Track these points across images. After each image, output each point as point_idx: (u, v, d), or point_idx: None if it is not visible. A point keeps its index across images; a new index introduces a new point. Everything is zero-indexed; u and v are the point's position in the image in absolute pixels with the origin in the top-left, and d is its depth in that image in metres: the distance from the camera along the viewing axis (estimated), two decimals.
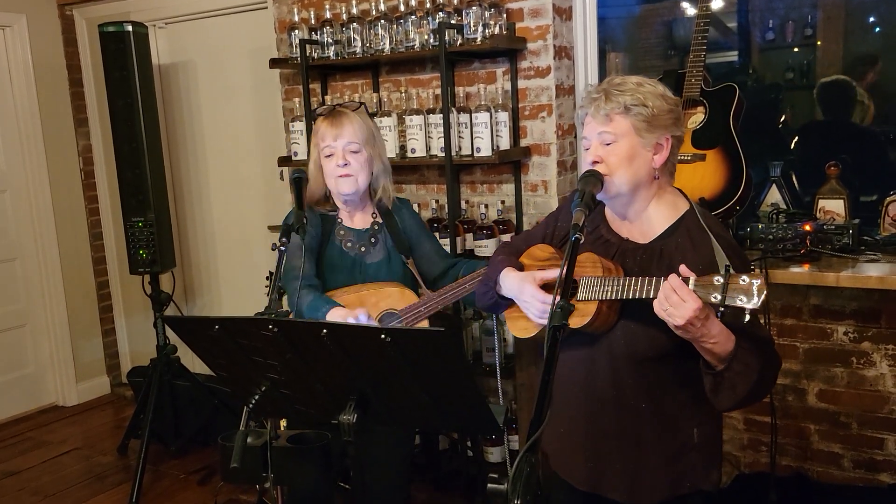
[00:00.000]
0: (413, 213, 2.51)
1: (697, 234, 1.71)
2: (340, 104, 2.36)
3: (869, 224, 2.89)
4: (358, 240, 2.37)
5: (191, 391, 4.00)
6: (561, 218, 1.95)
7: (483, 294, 2.00)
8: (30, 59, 4.50)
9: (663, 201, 1.78)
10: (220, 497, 3.47)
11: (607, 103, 1.69)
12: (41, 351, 4.75)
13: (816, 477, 2.98)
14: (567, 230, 1.87)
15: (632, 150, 1.69)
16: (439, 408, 1.63)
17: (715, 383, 1.62)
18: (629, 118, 1.68)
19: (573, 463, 1.84)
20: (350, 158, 2.28)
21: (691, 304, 1.48)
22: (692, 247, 1.70)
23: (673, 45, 4.11)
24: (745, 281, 1.44)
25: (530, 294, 1.81)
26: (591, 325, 1.68)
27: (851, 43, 3.71)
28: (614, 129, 1.69)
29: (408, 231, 2.44)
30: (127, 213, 3.84)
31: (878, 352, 2.83)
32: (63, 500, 3.61)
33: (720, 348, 1.57)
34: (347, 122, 2.29)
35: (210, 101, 4.47)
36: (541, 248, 1.94)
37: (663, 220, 1.76)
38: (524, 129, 3.27)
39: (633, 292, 1.60)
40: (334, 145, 2.28)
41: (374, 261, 2.36)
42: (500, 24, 3.09)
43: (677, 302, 1.49)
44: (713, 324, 1.53)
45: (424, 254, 2.46)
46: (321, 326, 1.54)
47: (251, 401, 1.77)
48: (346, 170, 2.27)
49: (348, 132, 2.28)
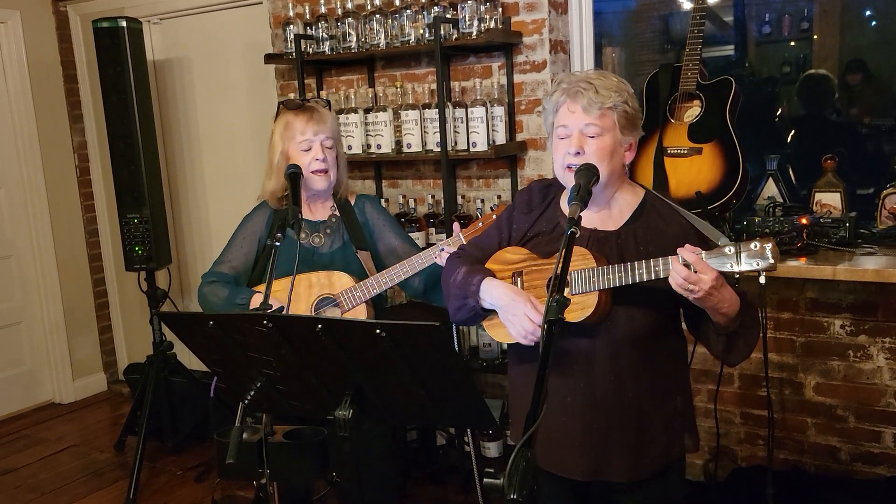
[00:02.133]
0: (378, 209, 2.46)
1: (665, 210, 1.80)
2: (306, 99, 2.35)
3: (865, 217, 2.88)
4: (312, 230, 2.37)
5: (187, 388, 3.99)
6: (514, 218, 1.92)
7: (459, 308, 1.88)
8: (24, 55, 4.48)
9: (624, 189, 1.84)
10: (216, 493, 3.47)
11: (598, 97, 1.70)
12: (37, 348, 4.74)
13: (814, 470, 2.98)
14: (523, 231, 1.89)
15: (613, 145, 1.74)
16: (435, 403, 1.62)
17: (729, 343, 1.73)
18: (615, 114, 1.72)
19: (568, 454, 1.82)
20: (326, 153, 2.29)
21: (710, 274, 1.55)
22: (664, 223, 1.78)
23: (669, 40, 4.11)
24: (756, 246, 1.52)
25: (523, 311, 1.71)
26: (593, 316, 1.69)
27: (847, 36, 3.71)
28: (602, 122, 1.72)
29: (369, 225, 2.41)
30: (122, 209, 3.83)
31: (874, 345, 2.83)
32: (60, 496, 3.60)
33: (732, 309, 1.65)
34: (322, 117, 2.30)
35: (205, 97, 4.46)
36: (510, 252, 1.88)
37: (627, 205, 1.82)
38: (520, 124, 3.27)
39: (634, 276, 1.64)
40: (313, 139, 2.28)
41: (327, 251, 2.35)
42: (495, 19, 3.08)
43: (696, 278, 1.55)
44: (726, 289, 1.62)
45: (392, 249, 2.39)
46: (316, 322, 1.54)
47: (247, 397, 1.76)
48: (323, 164, 2.28)
49: (326, 128, 2.29)
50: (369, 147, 3.33)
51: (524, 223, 1.90)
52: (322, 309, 2.28)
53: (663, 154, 2.88)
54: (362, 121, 3.32)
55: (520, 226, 1.90)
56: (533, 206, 1.91)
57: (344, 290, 2.27)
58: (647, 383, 1.79)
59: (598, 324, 1.73)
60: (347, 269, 2.31)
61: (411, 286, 2.38)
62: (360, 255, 2.34)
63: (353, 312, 2.27)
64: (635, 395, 1.78)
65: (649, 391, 1.79)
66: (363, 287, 2.26)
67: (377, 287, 2.26)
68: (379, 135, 3.29)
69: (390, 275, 2.25)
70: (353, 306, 2.27)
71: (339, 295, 2.27)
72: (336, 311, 2.27)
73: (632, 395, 1.78)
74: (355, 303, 2.27)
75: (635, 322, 1.74)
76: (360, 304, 2.27)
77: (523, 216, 1.91)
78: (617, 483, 1.82)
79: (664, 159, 2.88)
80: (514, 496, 1.24)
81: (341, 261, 2.34)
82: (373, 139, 3.31)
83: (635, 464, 1.80)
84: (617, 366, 1.76)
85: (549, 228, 1.86)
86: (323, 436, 1.89)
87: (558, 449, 1.82)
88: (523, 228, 1.89)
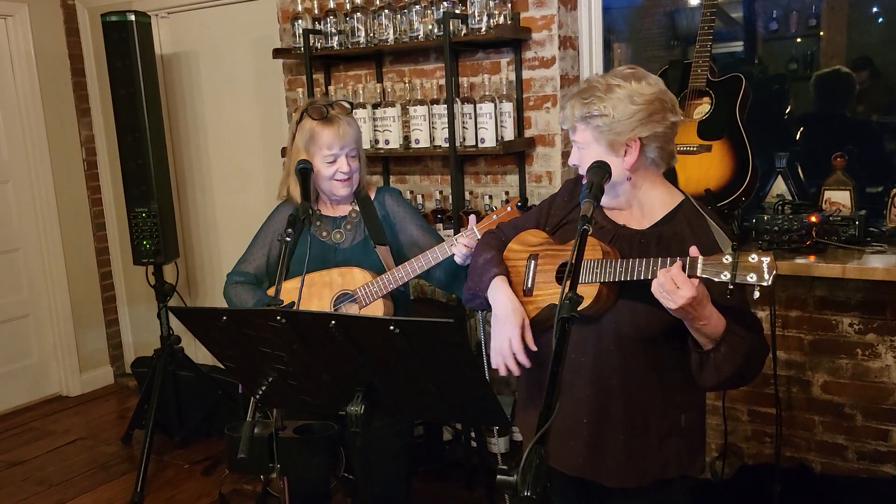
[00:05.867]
0: (399, 200, 2.46)
1: (696, 220, 1.75)
2: (330, 105, 2.34)
3: (875, 215, 2.87)
4: (332, 227, 2.38)
5: (194, 381, 4.00)
6: (555, 204, 1.95)
7: (471, 298, 1.91)
8: (32, 48, 4.49)
9: (658, 190, 1.80)
10: (224, 487, 3.47)
11: (571, 112, 1.73)
12: (45, 341, 4.76)
13: (820, 468, 2.98)
14: (560, 217, 1.90)
15: (598, 157, 1.71)
16: (447, 399, 1.62)
17: (700, 362, 1.67)
18: (589, 129, 1.72)
19: (567, 448, 1.82)
20: (351, 163, 2.31)
21: (685, 291, 1.51)
22: (691, 233, 1.73)
23: (676, 36, 4.10)
24: (754, 259, 1.47)
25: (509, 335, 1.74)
26: (592, 307, 1.67)
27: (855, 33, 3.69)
28: (580, 138, 1.75)
29: (390, 218, 2.41)
30: (130, 203, 3.83)
31: (882, 343, 2.83)
32: (68, 489, 3.62)
33: (711, 329, 1.61)
34: (348, 129, 2.30)
35: (213, 92, 4.46)
36: (533, 234, 1.91)
37: (661, 207, 1.79)
38: (528, 120, 3.26)
39: (633, 273, 1.62)
40: (339, 154, 2.29)
41: (346, 246, 2.36)
42: (504, 14, 3.07)
43: (671, 288, 1.53)
44: (707, 309, 1.58)
45: (414, 241, 2.39)
46: (329, 318, 1.54)
47: (258, 391, 1.77)
48: (347, 175, 2.31)
49: (350, 140, 2.30)
50: (377, 142, 3.33)
51: (563, 210, 1.92)
52: (341, 304, 2.28)
53: None
54: (370, 116, 3.32)
55: (558, 212, 1.92)
56: (575, 195, 1.90)
57: (361, 285, 2.27)
58: (648, 390, 1.75)
59: (607, 317, 1.72)
60: (365, 265, 2.31)
61: (435, 277, 2.37)
62: (379, 251, 2.34)
63: (370, 307, 2.27)
64: (633, 399, 1.75)
65: (650, 399, 1.76)
66: (380, 282, 2.26)
67: (394, 282, 2.26)
68: (387, 130, 3.29)
69: (406, 269, 2.25)
70: (370, 301, 2.27)
71: (356, 290, 2.28)
72: (354, 307, 2.27)
73: (629, 398, 1.75)
74: (372, 298, 2.27)
75: (641, 319, 1.71)
76: (377, 300, 2.27)
77: (564, 203, 1.93)
78: (615, 489, 1.80)
79: None
80: (528, 493, 1.25)
81: (361, 256, 2.34)
82: (381, 134, 3.31)
83: (624, 470, 1.77)
84: (620, 365, 1.74)
85: None
86: (333, 431, 1.90)
87: (563, 437, 1.80)
88: (560, 215, 1.91)
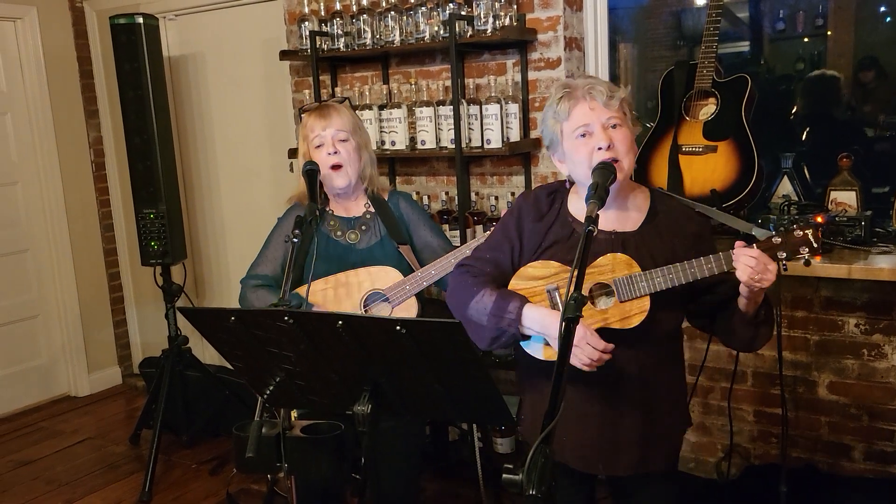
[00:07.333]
0: (412, 203, 2.47)
1: (675, 206, 1.85)
2: (325, 100, 2.40)
3: (881, 216, 2.87)
4: (348, 227, 2.38)
5: (202, 382, 4.02)
6: (526, 228, 1.87)
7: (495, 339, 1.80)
8: (40, 50, 4.52)
9: (633, 189, 1.87)
10: (231, 487, 3.49)
11: (611, 90, 1.76)
12: (53, 342, 4.79)
13: (827, 469, 2.98)
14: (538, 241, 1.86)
15: (632, 134, 1.79)
16: (453, 399, 1.63)
17: (756, 332, 1.79)
18: (626, 106, 1.79)
19: (575, 443, 1.84)
20: (339, 147, 2.31)
21: (773, 266, 1.64)
22: (685, 217, 1.82)
23: (681, 36, 4.10)
24: (799, 234, 1.62)
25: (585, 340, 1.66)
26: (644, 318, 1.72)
27: (862, 33, 3.69)
28: (619, 114, 1.77)
29: (404, 220, 2.42)
30: (138, 204, 3.85)
31: (889, 344, 2.82)
32: (76, 489, 3.64)
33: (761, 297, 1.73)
34: (334, 112, 2.34)
35: (220, 93, 4.48)
36: (536, 267, 1.82)
37: (642, 204, 1.84)
38: (534, 121, 3.27)
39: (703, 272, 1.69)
40: (323, 134, 2.31)
41: (364, 247, 2.36)
42: (510, 16, 3.08)
43: (763, 269, 1.62)
44: None
45: (426, 244, 2.41)
46: (336, 318, 1.55)
47: (266, 391, 1.78)
48: (336, 158, 2.30)
49: (336, 122, 2.32)
50: (383, 143, 3.34)
51: (537, 232, 1.86)
52: (372, 304, 2.28)
53: (678, 152, 2.88)
54: (377, 117, 3.33)
55: (532, 235, 1.86)
56: (543, 214, 1.87)
57: (392, 284, 2.27)
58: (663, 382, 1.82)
59: None
60: (389, 264, 2.32)
61: (445, 281, 2.38)
62: (402, 249, 2.35)
63: (403, 306, 2.27)
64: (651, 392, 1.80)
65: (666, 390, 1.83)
66: (411, 281, 2.26)
67: (426, 280, 2.26)
68: (393, 131, 3.30)
69: (437, 267, 2.26)
70: (402, 300, 2.27)
71: (388, 290, 2.28)
72: (386, 307, 2.27)
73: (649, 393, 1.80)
74: (404, 297, 2.27)
75: (660, 320, 1.76)
76: (409, 298, 2.27)
77: (535, 224, 1.87)
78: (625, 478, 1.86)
79: (679, 157, 2.88)
80: (534, 492, 1.26)
81: (380, 256, 2.34)
82: (387, 136, 3.32)
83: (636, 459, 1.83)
84: (640, 363, 1.78)
85: (565, 235, 1.84)
86: (340, 430, 1.91)
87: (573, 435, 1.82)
88: (537, 238, 1.85)
